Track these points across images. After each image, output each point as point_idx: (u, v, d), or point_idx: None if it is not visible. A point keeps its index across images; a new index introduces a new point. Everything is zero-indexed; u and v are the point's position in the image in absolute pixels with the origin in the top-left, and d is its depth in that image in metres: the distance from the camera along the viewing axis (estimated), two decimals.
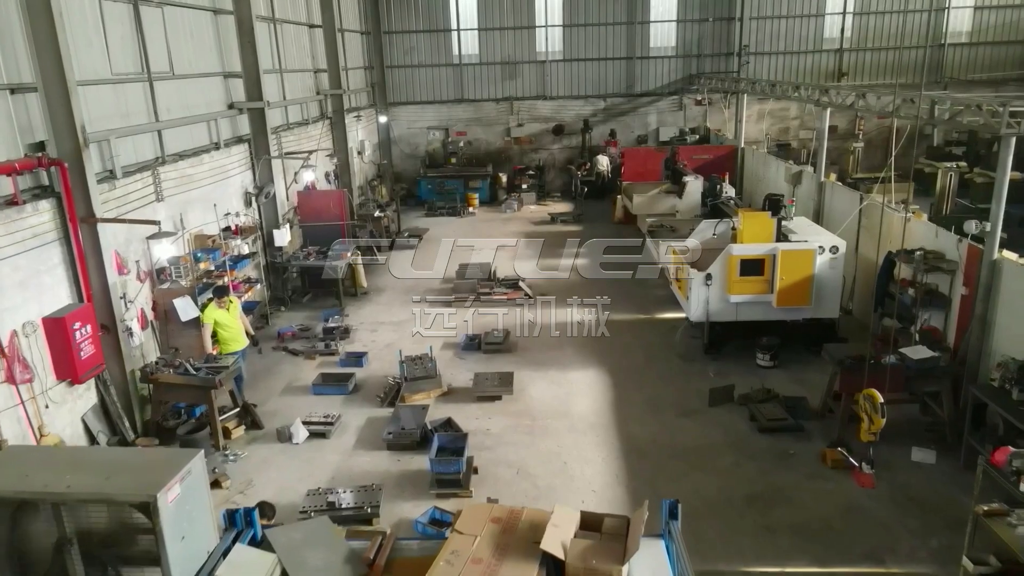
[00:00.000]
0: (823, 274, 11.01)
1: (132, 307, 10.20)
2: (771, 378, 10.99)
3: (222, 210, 13.40)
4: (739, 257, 11.02)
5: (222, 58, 14.21)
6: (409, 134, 27.09)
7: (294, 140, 17.57)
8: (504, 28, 26.02)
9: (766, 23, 25.79)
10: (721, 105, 26.02)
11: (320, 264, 14.97)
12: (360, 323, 14.14)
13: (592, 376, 11.40)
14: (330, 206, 16.01)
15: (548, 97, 26.58)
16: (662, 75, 26.39)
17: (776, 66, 26.19)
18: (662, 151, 20.80)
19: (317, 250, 15.52)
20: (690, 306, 11.54)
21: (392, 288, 16.31)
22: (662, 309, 14.17)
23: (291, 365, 12.30)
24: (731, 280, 11.13)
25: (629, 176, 20.90)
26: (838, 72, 26.14)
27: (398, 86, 26.73)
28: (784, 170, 16.65)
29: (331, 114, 20.60)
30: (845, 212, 13.52)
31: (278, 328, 13.69)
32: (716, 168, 20.33)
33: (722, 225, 12.61)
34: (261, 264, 14.75)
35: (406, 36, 26.25)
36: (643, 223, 18.90)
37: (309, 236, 16.19)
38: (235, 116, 14.51)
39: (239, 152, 14.39)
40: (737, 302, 11.25)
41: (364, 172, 24.38)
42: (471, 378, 11.22)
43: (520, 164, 26.49)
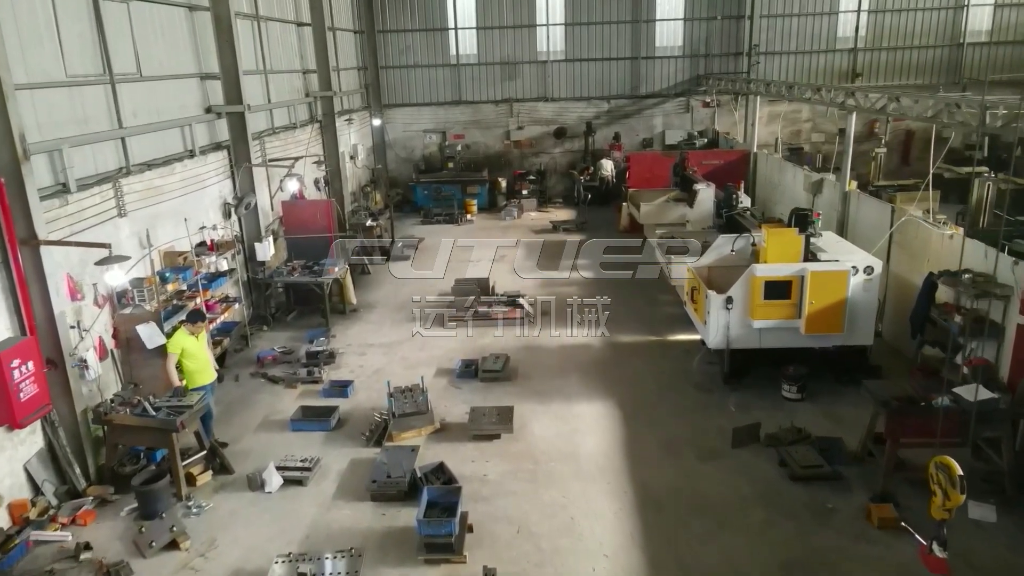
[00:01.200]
0: (857, 297, 9.93)
1: (88, 336, 9.12)
2: (799, 413, 9.92)
3: (196, 223, 12.32)
4: (763, 279, 9.94)
5: (199, 58, 13.13)
6: (405, 137, 26.01)
7: (280, 146, 16.49)
8: (503, 27, 24.95)
9: (777, 21, 24.73)
10: (730, 107, 25.00)
11: (305, 280, 13.90)
12: (347, 345, 13.05)
13: (600, 409, 10.32)
14: (317, 217, 14.93)
15: (549, 99, 25.52)
16: (668, 76, 25.33)
17: (787, 66, 25.12)
18: (670, 156, 19.73)
19: (303, 264, 14.44)
20: (708, 331, 10.46)
21: (383, 304, 15.23)
22: (674, 329, 13.09)
23: (270, 395, 11.21)
24: (754, 304, 10.06)
25: (635, 182, 19.83)
26: (852, 72, 25.07)
27: (393, 87, 25.66)
28: (803, 178, 15.58)
29: (321, 117, 19.52)
30: (874, 225, 12.45)
31: (258, 351, 12.60)
32: (727, 175, 19.24)
33: (741, 240, 11.54)
34: (241, 281, 13.67)
35: (401, 35, 25.19)
36: (651, 232, 17.83)
37: (294, 249, 15.10)
38: (213, 121, 13.44)
39: (217, 160, 13.30)
40: (761, 328, 10.17)
41: (357, 177, 23.31)
42: (467, 412, 10.14)
43: (520, 169, 25.43)
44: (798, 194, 16.18)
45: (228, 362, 12.29)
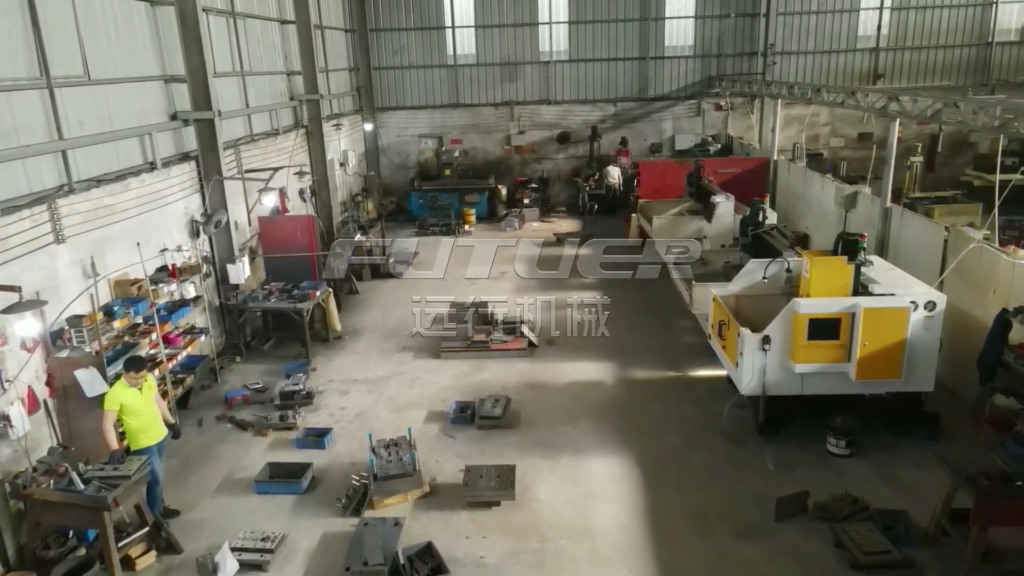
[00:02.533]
0: (917, 338, 8.50)
1: (12, 387, 7.69)
2: (849, 472, 8.49)
3: (157, 246, 10.91)
4: (808, 316, 8.50)
5: (163, 59, 11.72)
6: (399, 142, 24.57)
7: (259, 154, 15.05)
8: (504, 25, 23.51)
9: (794, 19, 23.29)
10: (745, 110, 23.61)
11: (282, 307, 12.47)
12: (328, 381, 11.62)
13: (616, 467, 8.87)
14: (297, 234, 13.49)
15: (552, 101, 24.07)
16: (678, 77, 23.89)
17: (805, 67, 23.69)
18: (684, 164, 18.29)
19: (281, 287, 13.01)
20: (740, 375, 9.02)
21: (371, 330, 13.80)
22: (696, 362, 11.66)
23: (236, 444, 9.77)
24: (796, 345, 8.62)
25: (646, 192, 18.40)
26: (873, 73, 23.63)
27: (387, 89, 24.22)
28: (833, 190, 14.13)
29: (307, 122, 18.09)
30: (921, 247, 11.02)
31: (227, 391, 11.15)
32: (745, 184, 17.81)
33: (774, 266, 10.10)
34: (212, 307, 12.24)
35: (395, 34, 23.75)
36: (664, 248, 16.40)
37: (273, 270, 13.68)
38: (179, 129, 12.02)
39: (183, 172, 11.86)
40: (803, 372, 8.73)
41: (348, 186, 21.89)
42: (461, 470, 8.69)
43: (521, 176, 23.98)
44: (826, 208, 14.75)
45: (192, 403, 10.87)
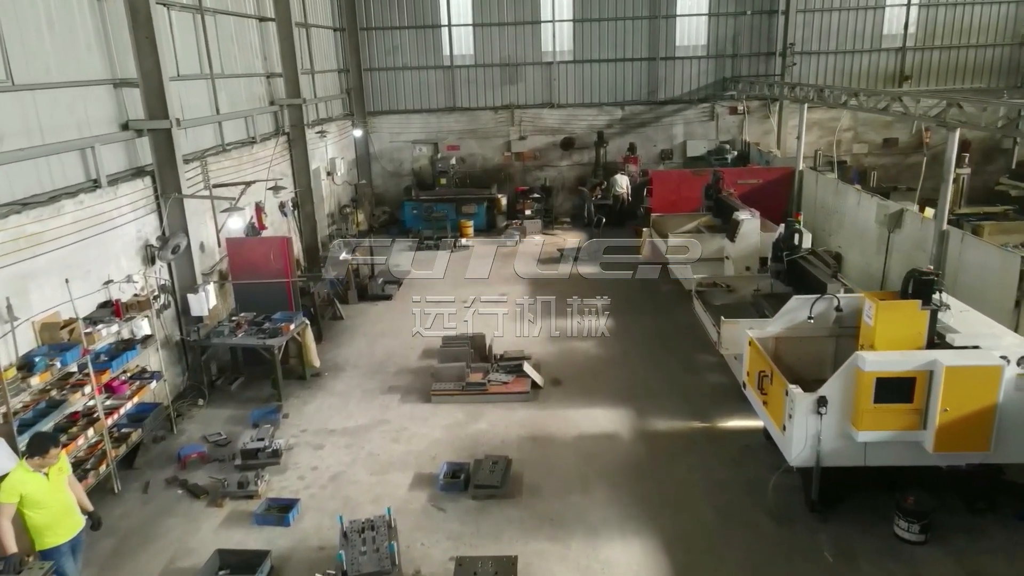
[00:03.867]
0: (1010, 400, 6.95)
1: None
2: (924, 564, 6.95)
3: (99, 277, 9.38)
4: (875, 375, 6.95)
5: (112, 60, 10.19)
6: (392, 148, 23.03)
7: (231, 166, 13.50)
8: (504, 24, 21.97)
9: (814, 17, 21.75)
10: (762, 114, 22.10)
11: (250, 344, 10.92)
12: (301, 431, 10.07)
13: (639, 557, 7.31)
14: (270, 258, 11.94)
15: (556, 105, 22.54)
16: (691, 79, 22.35)
17: (826, 68, 22.16)
18: (701, 175, 16.75)
19: (251, 319, 11.48)
20: (789, 443, 7.47)
21: (355, 365, 12.25)
22: (724, 410, 10.12)
23: (185, 518, 8.21)
24: (860, 408, 7.07)
25: (659, 206, 16.85)
26: (900, 75, 22.08)
27: (378, 92, 22.68)
28: (874, 207, 12.57)
29: (288, 129, 16.56)
30: (989, 279, 9.47)
31: (181, 447, 9.58)
32: (768, 197, 16.28)
33: (821, 304, 8.54)
34: (167, 343, 10.71)
35: (388, 33, 22.21)
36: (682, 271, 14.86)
37: (243, 298, 12.14)
38: (132, 140, 10.50)
39: (135, 190, 10.32)
40: (867, 441, 7.18)
41: (336, 196, 20.35)
42: (451, 558, 7.15)
43: (523, 184, 22.44)
44: (863, 225, 13.20)
45: (140, 461, 9.32)
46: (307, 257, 17.01)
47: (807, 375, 8.87)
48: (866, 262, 13.14)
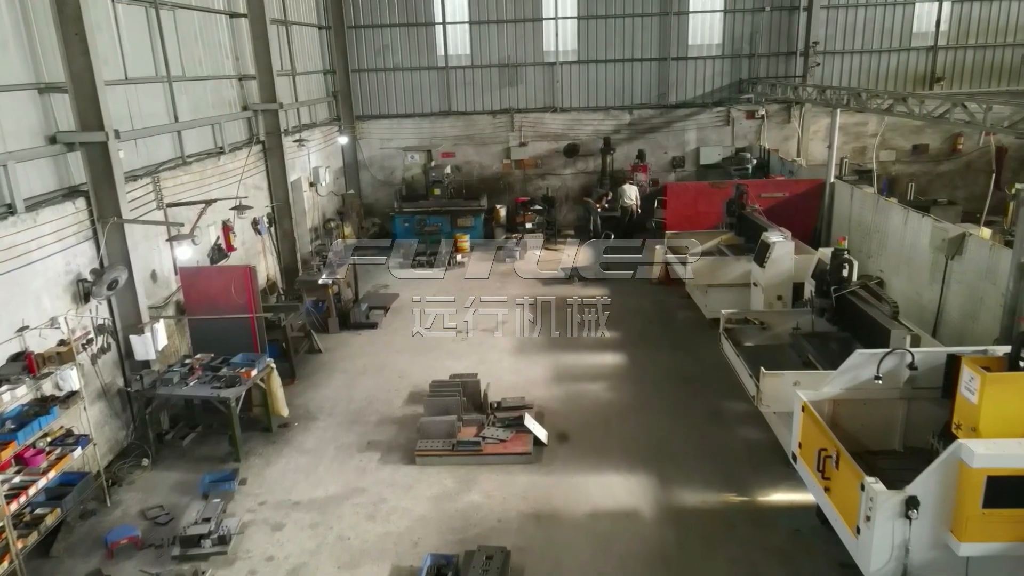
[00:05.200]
0: None
1: None
2: None
3: (11, 324, 7.75)
4: (986, 472, 5.32)
5: (37, 61, 8.56)
6: (382, 156, 21.38)
7: (192, 182, 11.87)
8: (502, 21, 20.33)
9: (839, 14, 20.09)
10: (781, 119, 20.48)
11: (204, 395, 9.28)
12: (260, 504, 8.43)
13: None
14: (230, 290, 10.29)
15: (559, 109, 20.89)
16: (704, 81, 20.70)
17: (851, 69, 20.51)
18: (720, 188, 15.12)
19: (206, 363, 9.84)
20: (867, 552, 5.83)
21: (329, 413, 10.61)
22: (765, 478, 8.47)
23: None
24: (964, 514, 5.44)
25: (674, 221, 15.21)
26: (931, 76, 20.43)
27: (367, 95, 21.04)
28: (930, 230, 10.89)
29: (264, 137, 14.92)
30: None
31: (109, 531, 7.92)
32: (794, 212, 14.67)
33: (891, 360, 6.92)
34: (107, 392, 9.07)
35: (378, 31, 20.57)
36: (701, 296, 13.24)
37: (200, 337, 10.50)
38: (61, 155, 8.87)
39: (63, 216, 8.68)
40: (973, 555, 5.55)
41: (320, 208, 18.72)
42: None
43: (523, 195, 20.80)
44: (911, 249, 11.53)
45: (59, 547, 7.68)
46: (286, 278, 15.40)
47: (871, 444, 7.32)
48: (915, 291, 11.49)
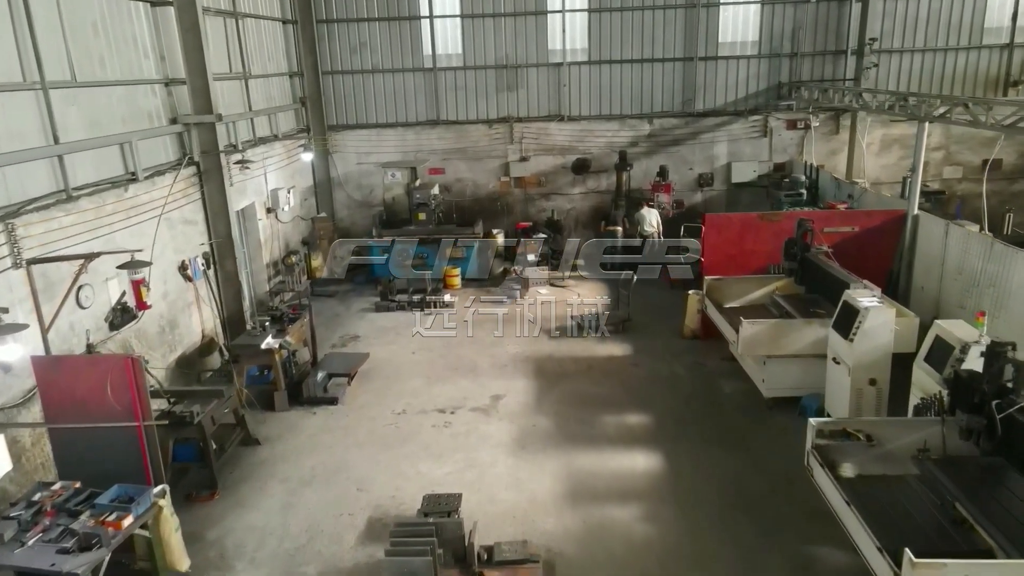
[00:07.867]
0: None
1: None
2: None
3: None
4: None
5: None
6: (359, 172, 18.33)
7: (80, 223, 8.79)
8: (500, 14, 17.28)
9: (897, 6, 17.04)
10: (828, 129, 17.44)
11: (37, 568, 6.16)
12: None
13: None
14: (104, 390, 7.16)
15: (566, 117, 17.84)
16: (737, 85, 17.66)
17: (910, 70, 17.47)
18: (772, 221, 12.02)
19: (62, 502, 6.74)
20: None
21: (252, 558, 7.49)
22: None
23: None
24: None
25: (714, 262, 12.11)
26: (1006, 79, 17.36)
27: (341, 101, 17.98)
28: None
29: (198, 157, 11.83)
30: None
31: None
32: (864, 250, 11.60)
33: None
34: None
35: (353, 26, 17.51)
36: (758, 371, 10.14)
37: (66, 455, 7.39)
38: None
39: None
40: None
41: (283, 238, 15.65)
42: None
43: (525, 219, 17.74)
44: None
45: None
46: (229, 332, 12.32)
47: None
48: None
